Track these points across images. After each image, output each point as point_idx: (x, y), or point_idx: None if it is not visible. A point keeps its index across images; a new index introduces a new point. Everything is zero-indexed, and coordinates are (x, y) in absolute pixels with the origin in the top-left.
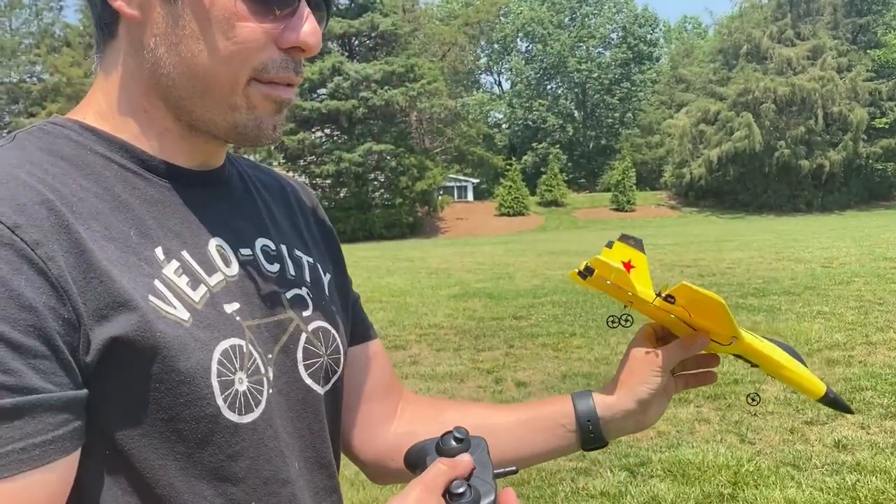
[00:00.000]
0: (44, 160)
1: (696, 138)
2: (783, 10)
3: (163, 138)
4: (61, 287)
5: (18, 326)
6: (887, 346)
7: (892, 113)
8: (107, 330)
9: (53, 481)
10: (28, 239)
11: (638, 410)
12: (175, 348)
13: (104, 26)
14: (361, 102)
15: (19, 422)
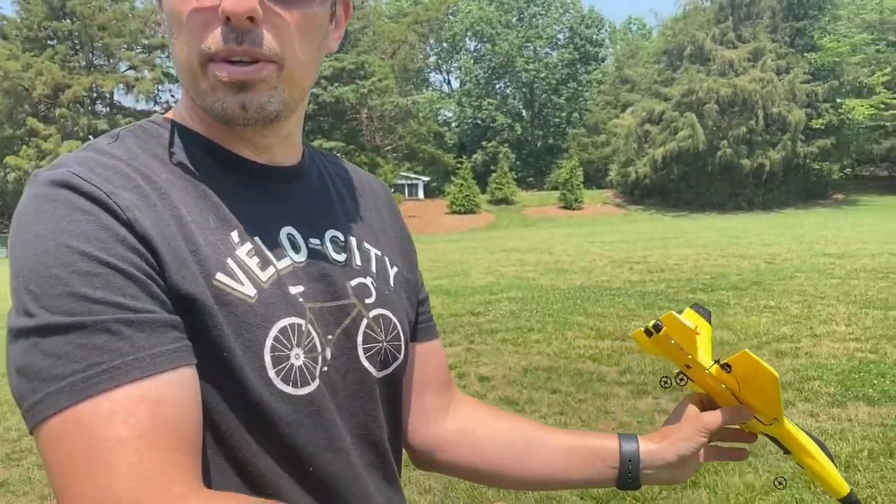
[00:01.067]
0: (140, 156)
1: (642, 138)
2: (725, 13)
3: (222, 131)
4: (147, 242)
5: (128, 262)
6: (831, 339)
7: (827, 114)
8: (182, 289)
9: (184, 383)
10: (121, 203)
11: (676, 464)
12: (235, 322)
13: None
14: (311, 99)
15: (144, 334)
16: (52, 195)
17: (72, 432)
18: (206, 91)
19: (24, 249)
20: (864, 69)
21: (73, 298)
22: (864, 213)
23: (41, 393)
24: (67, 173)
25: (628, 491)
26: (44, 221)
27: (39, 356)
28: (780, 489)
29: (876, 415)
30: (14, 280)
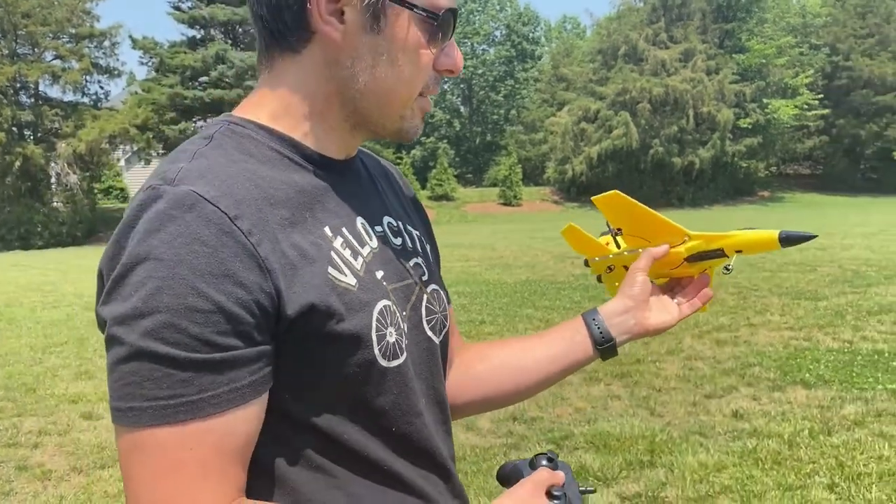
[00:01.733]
0: (240, 158)
1: (578, 136)
2: (657, 14)
3: (328, 136)
4: (266, 268)
5: (231, 298)
6: (767, 328)
7: (754, 114)
8: (298, 300)
9: (250, 416)
10: (244, 228)
11: (634, 306)
12: (346, 311)
13: (287, 43)
14: (247, 91)
15: (225, 372)
16: (177, 218)
17: (147, 448)
18: (407, 116)
19: (142, 267)
20: (788, 71)
21: (173, 330)
22: (788, 210)
23: (129, 404)
24: (193, 195)
25: (612, 358)
26: (166, 244)
27: (131, 371)
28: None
29: (813, 397)
30: (122, 289)
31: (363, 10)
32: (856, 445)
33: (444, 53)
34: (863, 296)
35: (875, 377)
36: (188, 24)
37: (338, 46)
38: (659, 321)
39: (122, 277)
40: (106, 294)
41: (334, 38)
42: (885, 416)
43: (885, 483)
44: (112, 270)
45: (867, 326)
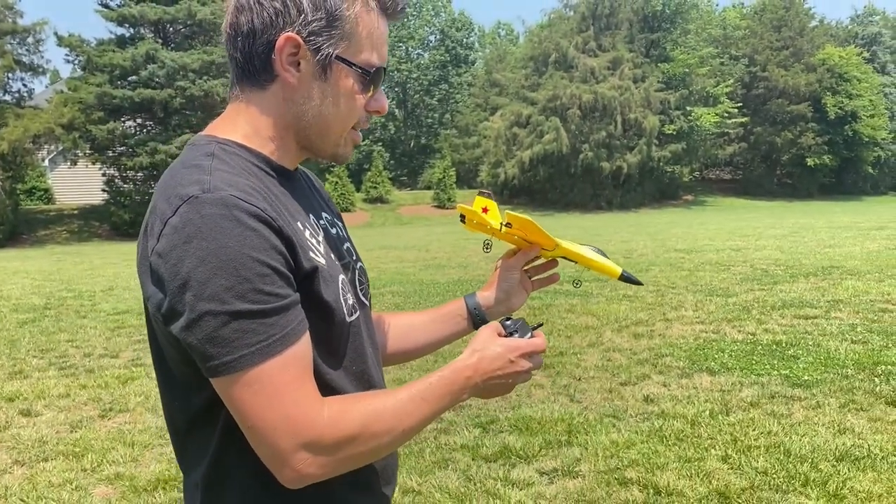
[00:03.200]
0: (239, 171)
1: (510, 140)
2: (587, 23)
3: (285, 154)
4: (289, 243)
5: (280, 263)
6: (680, 322)
7: (678, 121)
8: (303, 269)
9: (308, 339)
10: (271, 216)
11: (504, 298)
12: (323, 282)
13: (256, 80)
14: (178, 92)
15: (290, 313)
16: (229, 215)
17: (260, 380)
18: (341, 145)
19: (215, 254)
20: (710, 80)
21: (257, 293)
22: (709, 213)
23: (236, 355)
24: (232, 197)
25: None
26: (228, 235)
27: (231, 331)
28: (577, 287)
29: (716, 383)
30: (201, 276)
31: (315, 64)
32: (749, 423)
33: (374, 98)
34: (769, 292)
35: (772, 364)
36: (117, 22)
37: (293, 88)
38: (519, 302)
39: (199, 266)
40: (184, 285)
41: (291, 82)
42: (778, 398)
43: (770, 454)
44: (178, 265)
45: (770, 320)
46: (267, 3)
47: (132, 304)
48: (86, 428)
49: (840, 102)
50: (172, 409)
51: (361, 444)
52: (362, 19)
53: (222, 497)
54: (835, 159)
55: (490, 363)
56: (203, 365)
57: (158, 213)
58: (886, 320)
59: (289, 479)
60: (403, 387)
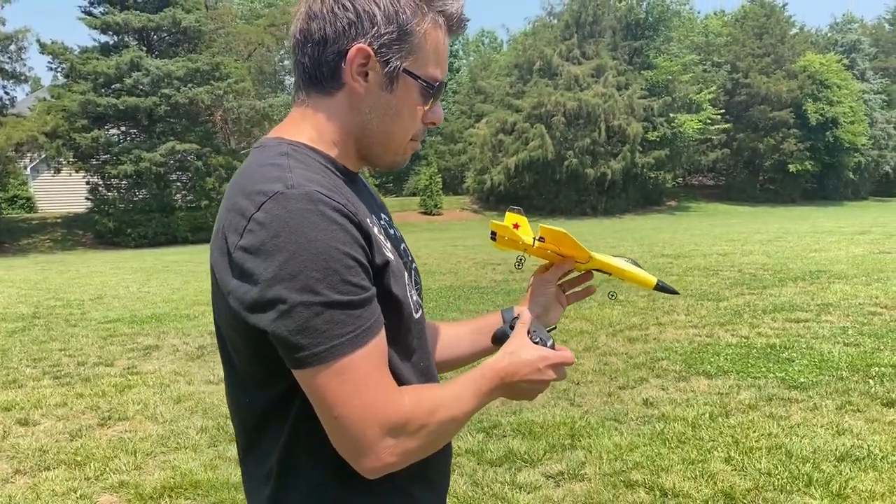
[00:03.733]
0: (314, 169)
1: (496, 147)
2: (570, 31)
3: (347, 158)
4: (367, 237)
5: (363, 256)
6: (674, 326)
7: (662, 127)
8: (379, 262)
9: (384, 331)
10: (352, 211)
11: (542, 313)
12: (394, 277)
13: (322, 87)
14: (163, 99)
15: (372, 305)
16: (315, 209)
17: (349, 369)
18: (399, 154)
19: (305, 247)
20: (693, 87)
21: (345, 284)
22: (694, 218)
23: (328, 345)
24: (317, 193)
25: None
26: (316, 229)
27: (322, 321)
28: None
29: (714, 386)
30: (293, 268)
31: (383, 75)
32: (749, 425)
33: (431, 111)
34: (759, 296)
35: (767, 367)
36: (101, 29)
37: (360, 97)
38: (555, 317)
39: (290, 259)
40: (274, 277)
41: (359, 92)
42: (775, 400)
43: (772, 455)
44: (267, 258)
45: (762, 324)
46: (341, 14)
47: (122, 312)
48: (86, 436)
49: (821, 109)
50: (242, 406)
51: (434, 431)
52: (430, 35)
53: (292, 488)
54: (816, 165)
55: (521, 367)
56: (291, 356)
57: (239, 210)
58: (876, 323)
59: (369, 469)
60: (452, 381)
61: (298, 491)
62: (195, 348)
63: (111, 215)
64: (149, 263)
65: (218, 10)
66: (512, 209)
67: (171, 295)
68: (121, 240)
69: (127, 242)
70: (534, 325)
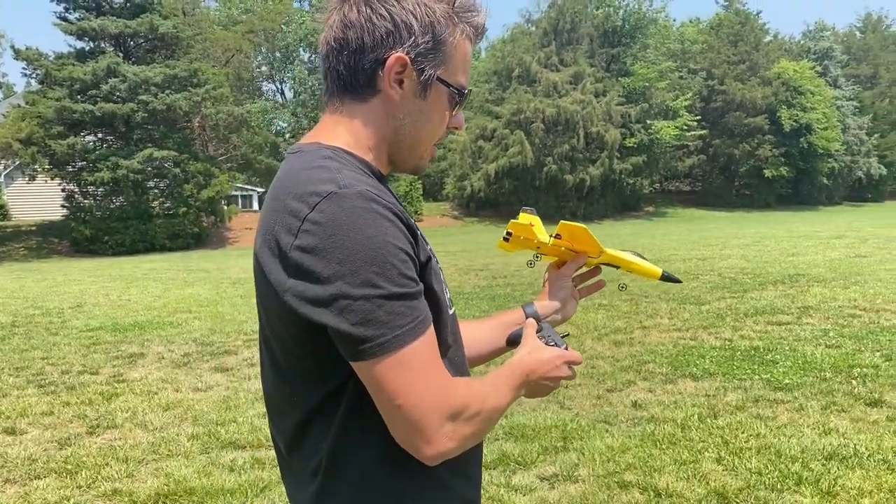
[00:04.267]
0: (357, 171)
1: (476, 153)
2: (548, 38)
3: (380, 162)
4: (414, 235)
5: (413, 251)
6: (658, 329)
7: (639, 134)
8: (423, 259)
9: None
10: (398, 210)
11: (560, 308)
12: (433, 273)
13: (357, 94)
14: (140, 106)
15: (422, 297)
16: (369, 208)
17: (411, 358)
18: (424, 158)
19: (363, 244)
20: (669, 94)
21: (402, 277)
22: (671, 224)
23: (391, 335)
24: (368, 192)
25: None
26: (372, 226)
27: (384, 313)
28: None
29: (700, 388)
30: (353, 264)
31: (418, 83)
32: (738, 426)
33: (455, 117)
34: (740, 300)
35: (752, 369)
36: (76, 35)
37: (395, 104)
38: (571, 311)
39: (351, 255)
40: (335, 273)
41: (394, 98)
42: (762, 401)
43: (762, 455)
44: (327, 255)
45: (744, 326)
46: (379, 23)
47: (104, 320)
48: (75, 445)
49: (795, 115)
50: (288, 405)
51: (485, 418)
52: (460, 45)
53: (342, 480)
54: (791, 170)
55: (543, 364)
56: (354, 349)
57: (291, 212)
58: (856, 325)
59: (430, 455)
60: (487, 376)
61: (348, 482)
62: (180, 356)
63: (88, 223)
64: (127, 271)
65: (195, 16)
66: (525, 209)
67: (152, 303)
68: (98, 248)
69: (104, 250)
70: (547, 330)
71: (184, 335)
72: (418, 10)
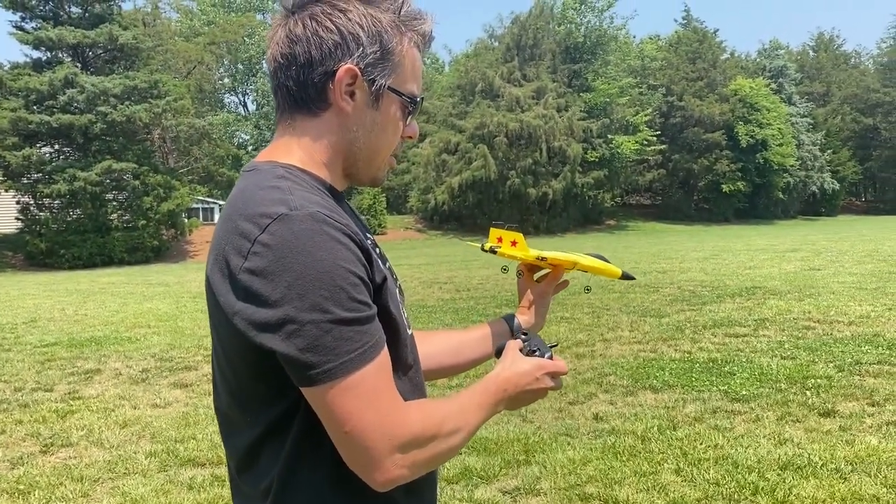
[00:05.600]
0: (311, 190)
1: (439, 167)
2: (511, 54)
3: (335, 178)
4: (368, 257)
5: (365, 273)
6: (619, 342)
7: (600, 148)
8: (378, 280)
9: (387, 350)
10: (352, 231)
11: (541, 321)
12: (389, 295)
13: (308, 108)
14: (99, 117)
15: (375, 321)
16: (319, 230)
17: (360, 384)
18: (382, 169)
19: (312, 267)
20: (630, 109)
21: (352, 301)
22: (632, 237)
23: (338, 361)
24: (320, 213)
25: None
26: (322, 249)
27: (332, 338)
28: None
29: (660, 399)
30: (301, 288)
31: (369, 94)
32: (696, 437)
33: (409, 126)
34: (699, 312)
35: (710, 381)
36: (33, 45)
37: (348, 116)
38: (544, 320)
39: (298, 279)
40: (283, 297)
41: (346, 110)
42: (720, 412)
43: (720, 466)
44: (275, 279)
45: (703, 339)
46: (326, 36)
47: (59, 336)
48: (28, 464)
49: (751, 131)
50: (240, 426)
51: (442, 443)
52: (409, 53)
53: (291, 501)
54: (748, 185)
55: (521, 378)
56: (301, 374)
57: (242, 233)
58: (810, 337)
59: (381, 482)
60: (456, 395)
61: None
62: (138, 371)
63: (43, 236)
64: (84, 285)
65: (156, 27)
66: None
67: (110, 317)
68: (53, 261)
69: (60, 264)
70: (533, 339)
71: (142, 350)
72: (365, 20)
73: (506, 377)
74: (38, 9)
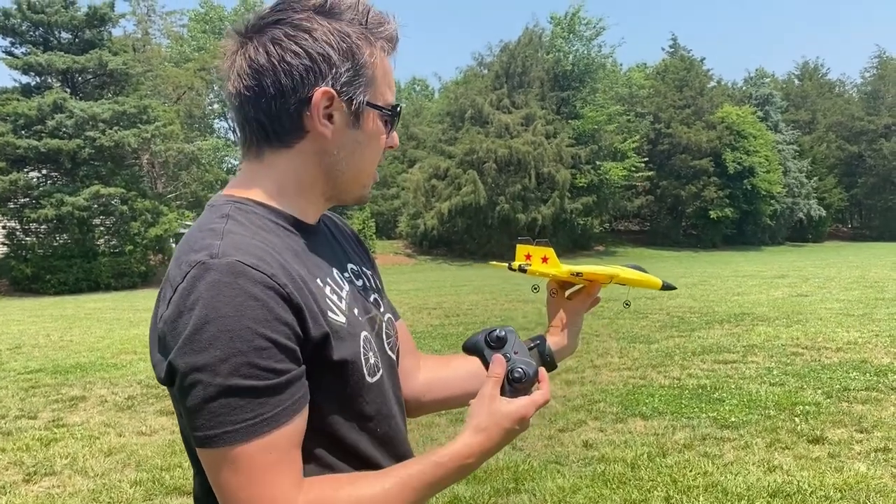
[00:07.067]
0: (255, 231)
1: (429, 192)
2: (500, 81)
3: (308, 208)
4: (298, 311)
5: (282, 335)
6: (608, 368)
7: (589, 174)
8: (316, 335)
9: (304, 416)
10: (281, 283)
11: (573, 343)
12: (342, 343)
13: (281, 140)
14: (87, 142)
15: (288, 390)
16: (233, 283)
17: (239, 459)
18: (367, 185)
19: (213, 324)
20: (618, 136)
21: (250, 367)
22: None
23: (219, 430)
24: (238, 263)
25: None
26: (229, 305)
27: (218, 405)
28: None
29: (650, 426)
30: (197, 344)
31: (348, 113)
32: (686, 465)
33: (391, 136)
34: (688, 339)
35: (700, 407)
36: (22, 70)
37: (328, 141)
38: (577, 342)
39: (196, 334)
40: (179, 350)
41: (326, 135)
42: (709, 439)
43: (709, 493)
44: (178, 330)
45: (692, 365)
46: (294, 62)
47: (44, 362)
48: (10, 493)
49: (738, 158)
50: (194, 473)
51: None
52: (380, 62)
53: None
54: (736, 212)
55: (496, 442)
56: (191, 432)
57: (171, 280)
58: (798, 363)
59: None
60: (393, 469)
61: None
62: (124, 398)
63: (29, 261)
64: (70, 311)
65: (146, 52)
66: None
67: (95, 343)
68: (39, 286)
69: (46, 289)
70: (516, 360)
71: (128, 377)
72: (333, 38)
73: (469, 444)
74: (28, 34)
